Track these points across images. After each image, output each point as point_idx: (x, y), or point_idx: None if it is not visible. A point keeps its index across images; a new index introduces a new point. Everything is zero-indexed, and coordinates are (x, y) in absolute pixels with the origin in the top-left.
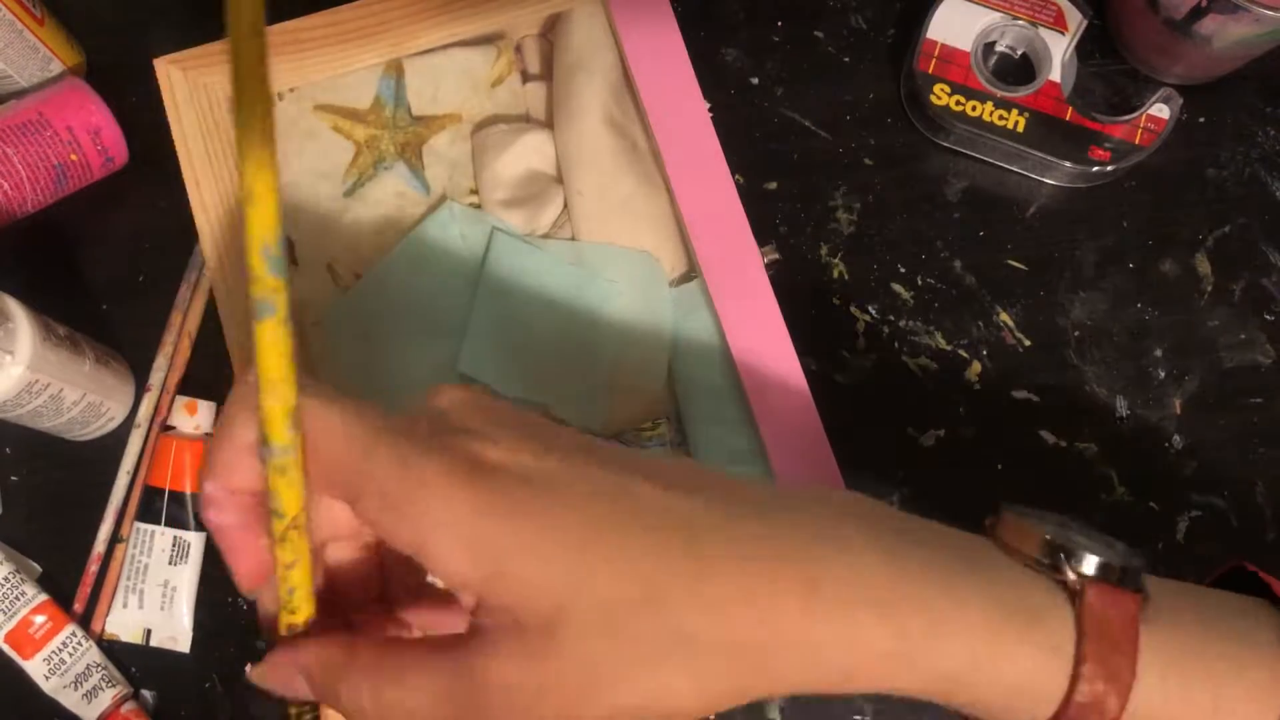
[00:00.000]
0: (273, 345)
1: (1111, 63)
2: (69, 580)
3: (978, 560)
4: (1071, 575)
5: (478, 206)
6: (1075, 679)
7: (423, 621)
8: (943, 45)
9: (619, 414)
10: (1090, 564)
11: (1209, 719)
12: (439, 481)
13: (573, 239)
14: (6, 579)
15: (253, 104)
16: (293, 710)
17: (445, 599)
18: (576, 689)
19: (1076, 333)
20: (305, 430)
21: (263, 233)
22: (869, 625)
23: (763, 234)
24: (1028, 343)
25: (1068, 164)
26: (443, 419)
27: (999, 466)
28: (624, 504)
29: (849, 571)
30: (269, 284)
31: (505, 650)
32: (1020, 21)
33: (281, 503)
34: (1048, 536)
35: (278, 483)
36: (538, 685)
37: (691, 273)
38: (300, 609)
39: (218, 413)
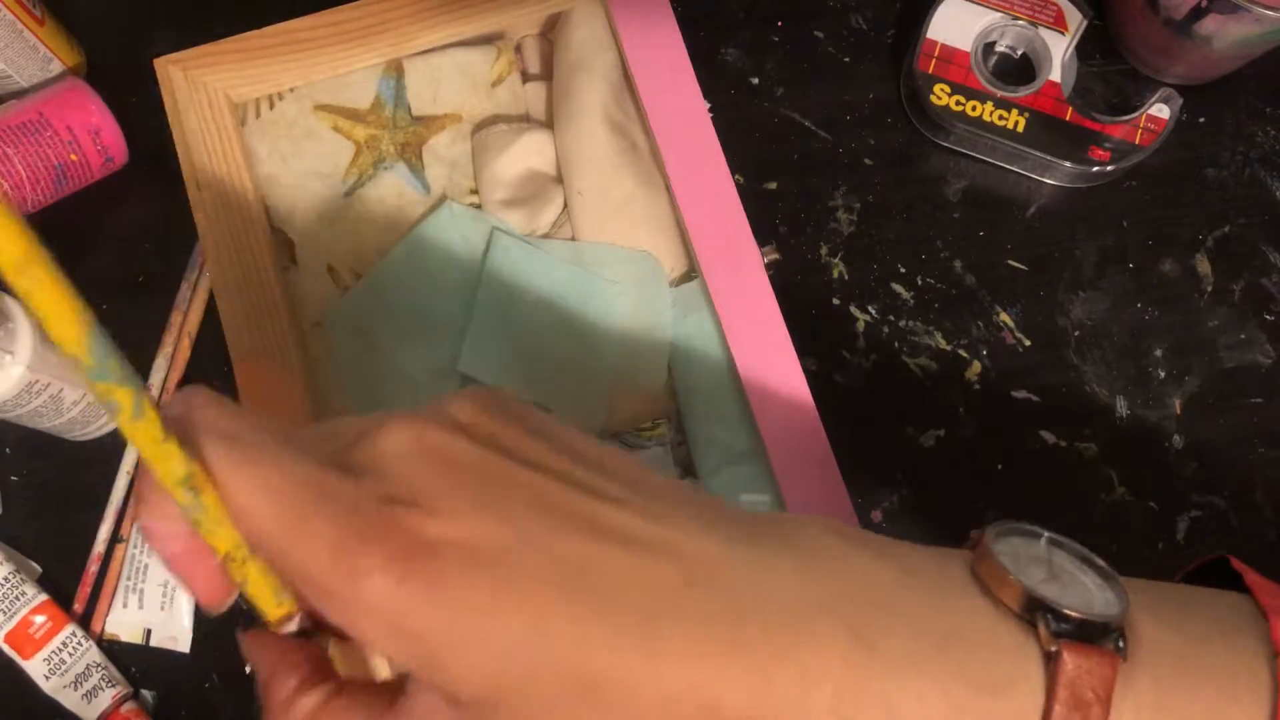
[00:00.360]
0: (134, 434)
1: (1111, 63)
2: (69, 580)
3: (949, 621)
4: (1047, 635)
5: (478, 206)
6: None
7: None
8: (943, 45)
9: (619, 414)
10: (1070, 624)
11: None
12: (374, 576)
13: (573, 239)
14: (6, 579)
15: (24, 265)
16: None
17: None
18: None
19: (1076, 333)
20: (227, 499)
21: (70, 349)
22: (824, 714)
23: (763, 234)
24: (1028, 343)
25: (1068, 164)
26: (384, 479)
27: (999, 466)
28: (580, 582)
29: (809, 660)
30: (99, 389)
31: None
32: (1020, 21)
33: (209, 545)
34: (1027, 591)
35: (198, 532)
36: None
37: (691, 273)
38: (268, 612)
39: None
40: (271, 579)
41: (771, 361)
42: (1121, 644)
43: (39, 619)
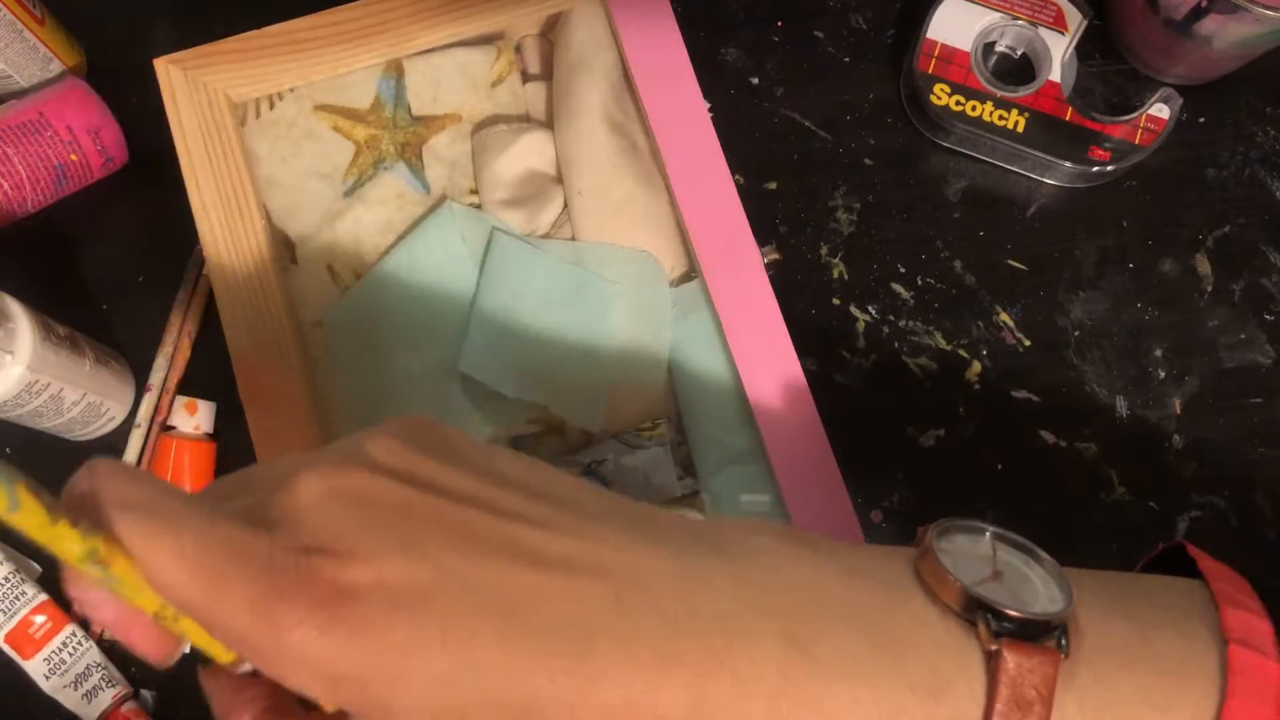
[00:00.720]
0: (18, 524)
1: (1111, 63)
2: None
3: (889, 622)
4: (987, 635)
5: (478, 206)
6: None
7: None
8: (943, 45)
9: (619, 414)
10: (1012, 623)
11: None
12: (296, 629)
13: (573, 239)
14: (6, 579)
15: None
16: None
17: None
18: None
19: (1076, 333)
20: (143, 569)
21: None
22: None
23: (763, 234)
24: (1028, 343)
25: (1068, 164)
26: (300, 530)
27: (999, 466)
28: (505, 609)
29: (743, 669)
30: None
31: None
32: (1020, 21)
33: (148, 608)
34: (966, 590)
35: (121, 599)
36: None
37: (691, 273)
38: (219, 656)
39: (218, 413)
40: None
41: (771, 361)
42: (1064, 641)
43: (39, 619)
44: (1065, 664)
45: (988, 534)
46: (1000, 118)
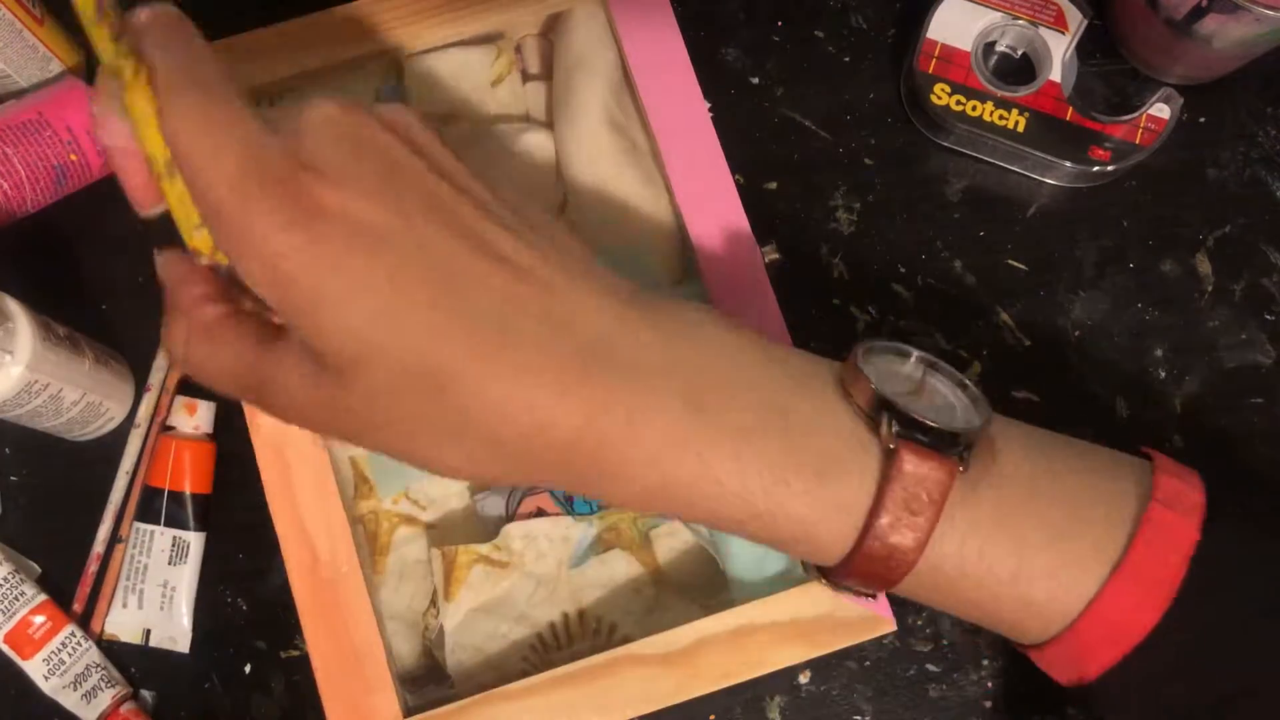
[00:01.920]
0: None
1: (1111, 63)
2: (69, 580)
3: (794, 406)
4: (888, 433)
5: None
6: (865, 533)
7: None
8: (943, 45)
9: None
10: (917, 429)
11: (1008, 586)
12: (264, 215)
13: None
14: (6, 579)
15: None
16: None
17: None
18: (355, 428)
19: (1076, 333)
20: (160, 106)
21: None
22: (641, 464)
23: (763, 234)
24: (1028, 343)
25: (1068, 164)
26: (299, 143)
27: None
28: (452, 282)
29: (638, 415)
30: None
31: (302, 368)
32: (1020, 21)
33: (145, 147)
34: (877, 392)
35: (138, 132)
36: (320, 408)
37: (691, 273)
38: (186, 234)
39: (217, 413)
40: (193, 206)
41: None
42: (965, 455)
43: (38, 619)
44: (966, 481)
45: (914, 356)
46: (1000, 118)
